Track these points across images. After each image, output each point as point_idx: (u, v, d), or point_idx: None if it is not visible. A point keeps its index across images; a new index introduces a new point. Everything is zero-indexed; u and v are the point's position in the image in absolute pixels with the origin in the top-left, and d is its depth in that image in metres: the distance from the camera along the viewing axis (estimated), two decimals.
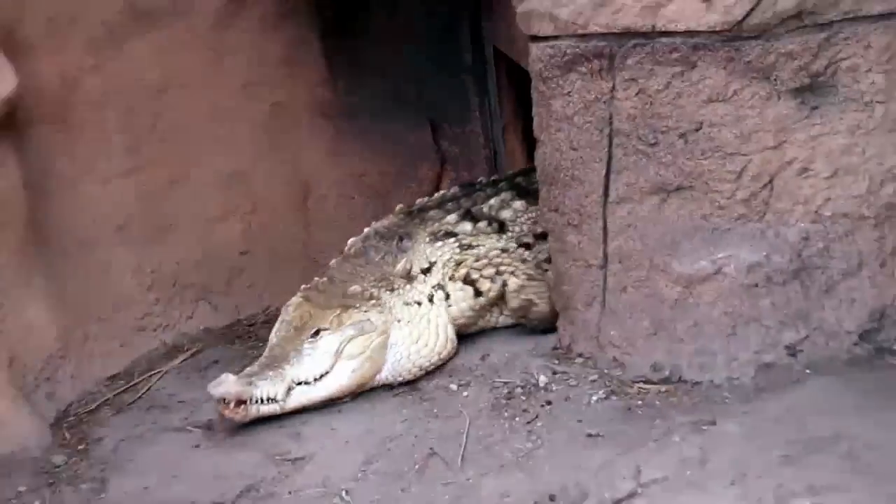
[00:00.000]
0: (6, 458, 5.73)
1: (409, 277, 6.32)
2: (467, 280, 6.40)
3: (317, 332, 6.02)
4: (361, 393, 6.12)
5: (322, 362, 5.97)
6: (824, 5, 5.35)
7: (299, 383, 5.92)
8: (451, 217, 6.58)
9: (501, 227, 6.59)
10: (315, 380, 5.95)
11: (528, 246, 6.59)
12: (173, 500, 5.46)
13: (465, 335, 6.46)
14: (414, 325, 6.21)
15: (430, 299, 6.32)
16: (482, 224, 6.57)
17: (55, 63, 6.44)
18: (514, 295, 6.40)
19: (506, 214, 6.64)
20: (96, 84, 6.61)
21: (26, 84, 6.09)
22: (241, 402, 5.77)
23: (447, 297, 6.37)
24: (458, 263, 6.43)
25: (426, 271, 6.39)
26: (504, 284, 6.39)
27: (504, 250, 6.52)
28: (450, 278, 6.39)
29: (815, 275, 5.63)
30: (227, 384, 5.77)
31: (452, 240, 6.49)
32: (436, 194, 6.88)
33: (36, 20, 6.33)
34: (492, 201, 6.68)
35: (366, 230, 6.58)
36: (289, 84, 7.41)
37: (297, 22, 7.36)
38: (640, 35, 5.46)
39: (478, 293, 6.41)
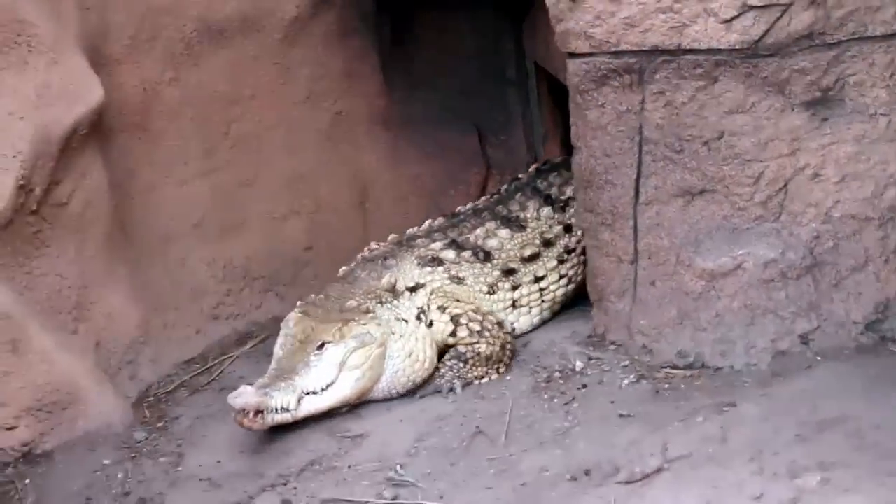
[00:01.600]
0: (92, 433, 6.05)
1: (394, 292, 6.38)
2: (453, 320, 6.41)
3: (322, 345, 6.05)
4: None
5: (328, 373, 6.03)
6: (833, 26, 5.57)
7: (308, 393, 5.97)
8: (437, 245, 6.63)
9: (487, 257, 6.66)
10: (322, 389, 6.01)
11: (512, 272, 6.70)
12: (242, 473, 5.75)
13: None
14: (406, 340, 6.26)
15: (418, 318, 6.37)
16: (467, 253, 6.63)
17: (137, 76, 6.69)
18: (480, 354, 6.33)
19: (492, 244, 6.70)
20: (174, 95, 6.85)
21: (111, 95, 6.34)
22: (258, 411, 5.80)
23: (430, 323, 6.40)
24: (446, 298, 6.47)
25: (412, 290, 6.45)
26: (476, 343, 6.34)
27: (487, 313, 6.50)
28: (437, 308, 6.43)
29: (825, 270, 5.87)
30: (246, 395, 5.80)
31: (441, 268, 6.55)
32: (424, 225, 6.85)
33: (120, 37, 6.58)
34: (478, 231, 6.72)
35: (357, 256, 6.67)
36: (349, 95, 7.58)
37: (357, 38, 7.52)
38: (667, 52, 5.69)
39: (454, 334, 6.41)
